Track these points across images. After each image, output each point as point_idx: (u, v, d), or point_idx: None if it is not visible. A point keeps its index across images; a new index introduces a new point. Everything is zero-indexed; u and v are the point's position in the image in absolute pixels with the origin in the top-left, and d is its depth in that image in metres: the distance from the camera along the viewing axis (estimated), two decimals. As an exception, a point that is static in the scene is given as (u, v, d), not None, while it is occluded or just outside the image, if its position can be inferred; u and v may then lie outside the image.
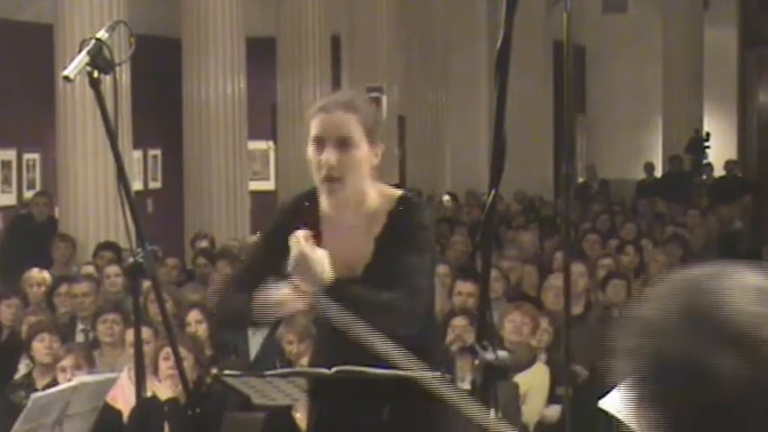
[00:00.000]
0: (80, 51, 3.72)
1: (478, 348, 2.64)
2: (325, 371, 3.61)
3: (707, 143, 21.06)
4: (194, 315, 7.64)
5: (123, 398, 6.41)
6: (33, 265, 9.34)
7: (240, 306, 3.75)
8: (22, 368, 7.56)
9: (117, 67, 3.79)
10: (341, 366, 3.58)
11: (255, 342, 7.97)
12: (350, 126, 3.71)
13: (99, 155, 10.47)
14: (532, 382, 6.99)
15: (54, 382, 6.57)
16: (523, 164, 16.04)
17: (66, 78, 3.69)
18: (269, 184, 16.24)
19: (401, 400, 3.72)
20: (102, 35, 3.75)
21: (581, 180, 21.67)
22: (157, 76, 13.77)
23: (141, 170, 15.06)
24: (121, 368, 6.72)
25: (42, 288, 9.03)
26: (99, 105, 3.73)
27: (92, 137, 10.50)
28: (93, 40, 3.73)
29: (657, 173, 21.16)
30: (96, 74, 3.70)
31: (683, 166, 20.55)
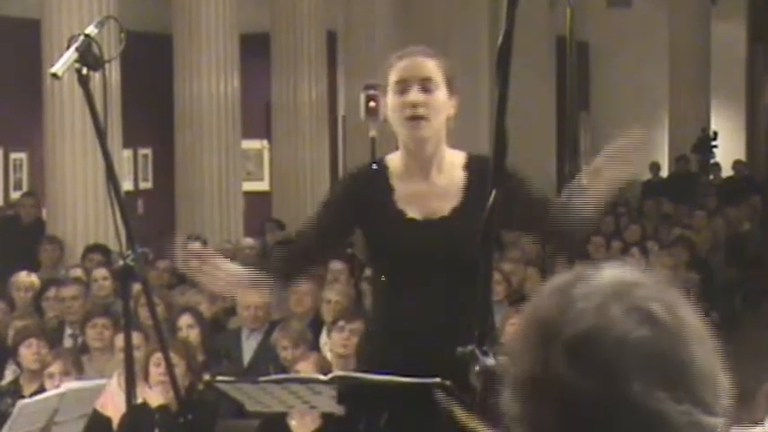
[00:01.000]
0: (68, 48, 3.72)
1: (479, 354, 2.64)
2: (321, 376, 3.62)
3: (714, 142, 21.06)
4: (186, 319, 7.64)
5: (113, 405, 6.41)
6: (20, 268, 9.34)
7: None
8: (9, 374, 7.56)
9: (106, 64, 3.79)
10: (401, 363, 3.62)
11: (249, 347, 7.97)
12: (433, 69, 3.98)
13: (88, 154, 10.46)
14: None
15: (41, 389, 6.57)
16: (525, 163, 16.00)
17: (54, 75, 3.69)
18: (263, 185, 16.24)
19: (403, 407, 3.71)
20: (91, 31, 3.76)
21: (584, 180, 21.65)
22: (148, 73, 13.77)
23: (131, 170, 15.07)
24: (111, 374, 6.72)
25: (30, 292, 9.02)
26: (88, 103, 3.73)
27: (80, 136, 10.50)
28: (82, 37, 3.73)
29: (663, 173, 21.17)
30: (85, 71, 3.71)
31: (689, 166, 20.55)
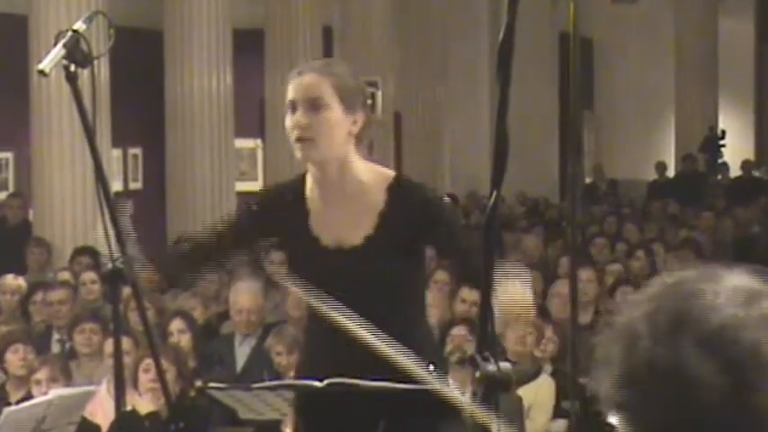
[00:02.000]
0: (56, 44, 3.72)
1: (479, 359, 2.64)
2: (317, 383, 3.61)
3: (722, 141, 21.08)
4: (177, 324, 7.65)
5: (102, 412, 6.41)
6: (6, 270, 9.33)
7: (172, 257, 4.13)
8: (-6, 381, 7.56)
9: (95, 61, 3.79)
10: (333, 376, 3.58)
11: (242, 353, 7.97)
12: (321, 87, 3.86)
13: (76, 154, 10.46)
14: (537, 396, 7.00)
15: (28, 396, 6.57)
16: (527, 163, 16.07)
17: (41, 73, 3.69)
18: (257, 185, 16.22)
19: (399, 415, 3.72)
20: (80, 27, 3.76)
21: (588, 180, 21.68)
22: (138, 70, 13.76)
23: (121, 170, 15.05)
24: (100, 381, 6.72)
25: (16, 295, 9.02)
26: (76, 101, 3.73)
27: (68, 135, 10.49)
28: (70, 32, 3.73)
29: (670, 173, 21.18)
30: (73, 68, 3.71)
31: (696, 166, 20.57)
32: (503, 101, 2.60)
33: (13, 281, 9.14)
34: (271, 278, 8.66)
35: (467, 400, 3.08)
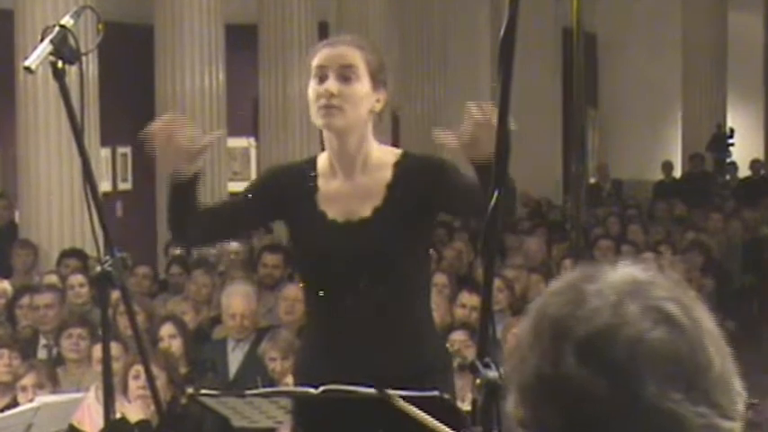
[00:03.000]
0: (42, 40, 3.72)
1: (480, 365, 2.64)
2: (312, 390, 3.62)
3: (731, 140, 21.07)
4: (168, 329, 7.64)
5: (90, 420, 6.41)
6: (-9, 274, 9.34)
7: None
8: (-21, 388, 7.55)
9: (83, 57, 3.80)
10: (332, 380, 3.59)
11: (235, 358, 7.96)
12: (355, 59, 3.95)
13: (63, 153, 10.46)
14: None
15: (14, 403, 6.56)
16: (529, 163, 16.02)
17: (28, 69, 3.69)
18: (250, 186, 16.23)
19: (396, 422, 3.72)
20: (67, 22, 3.76)
21: (592, 181, 21.69)
22: (128, 66, 13.76)
23: (109, 170, 15.05)
24: (88, 387, 6.72)
25: (2, 299, 9.02)
26: (63, 99, 3.74)
27: (55, 133, 10.49)
28: (57, 28, 3.73)
29: (676, 173, 21.18)
30: (60, 64, 3.71)
31: (704, 166, 20.56)
32: (504, 99, 2.60)
33: (-2, 284, 9.14)
34: (263, 281, 8.66)
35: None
